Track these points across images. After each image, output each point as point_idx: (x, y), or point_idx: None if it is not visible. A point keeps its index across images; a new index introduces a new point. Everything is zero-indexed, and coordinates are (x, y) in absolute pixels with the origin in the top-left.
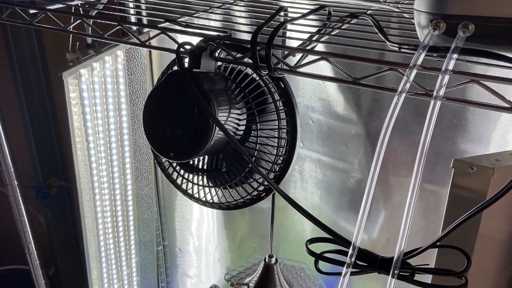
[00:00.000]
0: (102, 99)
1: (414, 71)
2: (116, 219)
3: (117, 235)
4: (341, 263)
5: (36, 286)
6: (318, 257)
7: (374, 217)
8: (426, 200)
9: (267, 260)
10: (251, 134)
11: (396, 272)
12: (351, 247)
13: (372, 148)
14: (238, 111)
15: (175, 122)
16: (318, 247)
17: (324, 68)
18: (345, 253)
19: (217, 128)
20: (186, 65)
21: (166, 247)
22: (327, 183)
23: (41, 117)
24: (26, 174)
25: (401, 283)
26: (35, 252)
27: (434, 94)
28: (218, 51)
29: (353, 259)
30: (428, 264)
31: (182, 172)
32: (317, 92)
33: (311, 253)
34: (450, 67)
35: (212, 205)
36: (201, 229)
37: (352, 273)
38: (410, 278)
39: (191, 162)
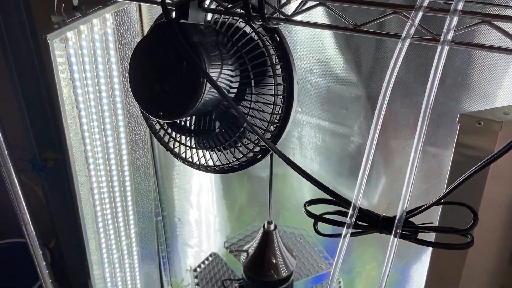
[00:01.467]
0: (92, 65)
1: (420, 13)
2: (112, 190)
3: (114, 206)
4: (342, 224)
5: (33, 257)
6: (318, 218)
7: (375, 183)
8: (428, 163)
9: (266, 226)
10: (245, 92)
11: (398, 231)
12: (351, 207)
13: (373, 111)
14: (231, 67)
15: (163, 79)
16: (317, 210)
17: (323, 20)
18: (345, 214)
19: (208, 85)
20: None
21: (166, 217)
22: (326, 149)
23: (33, 87)
24: (20, 147)
25: (402, 245)
26: (30, 223)
27: (442, 38)
28: (207, 1)
29: (353, 220)
30: (432, 223)
31: (174, 134)
32: (315, 54)
33: (310, 214)
34: (460, 7)
35: (206, 168)
36: (200, 198)
37: (352, 234)
38: (413, 237)
39: (182, 123)
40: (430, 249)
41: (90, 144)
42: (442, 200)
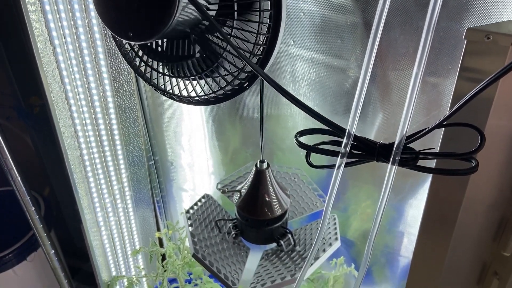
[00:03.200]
0: None
1: None
2: (99, 134)
3: (102, 150)
4: (337, 154)
5: (21, 203)
6: (310, 149)
7: (371, 119)
8: (427, 94)
9: (258, 165)
10: (228, 9)
11: (397, 158)
12: (345, 134)
13: None
14: None
15: None
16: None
17: None
18: (340, 144)
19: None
20: None
21: (158, 161)
22: (321, 85)
23: (12, 29)
24: (2, 92)
25: (398, 180)
26: (14, 168)
27: None
28: None
29: (348, 149)
30: (434, 148)
31: (149, 61)
32: None
33: (301, 145)
34: None
35: (189, 100)
36: (192, 142)
37: (347, 164)
38: (413, 163)
39: (159, 48)
40: (427, 183)
41: (69, 84)
42: (445, 123)
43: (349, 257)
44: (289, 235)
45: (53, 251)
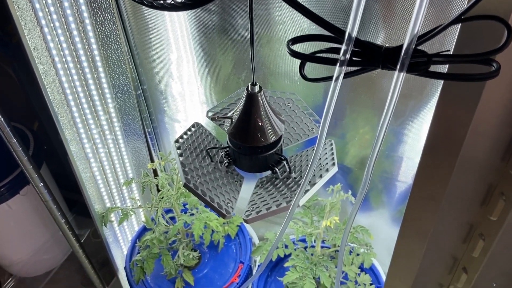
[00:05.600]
0: None
1: None
2: (78, 60)
3: (84, 78)
4: (336, 63)
5: (2, 135)
6: (305, 57)
7: (373, 35)
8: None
9: (249, 88)
10: None
11: (406, 63)
12: (345, 38)
13: None
14: None
15: None
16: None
17: None
18: (339, 52)
19: None
20: None
21: (146, 91)
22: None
23: None
24: None
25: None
26: None
27: None
28: None
29: (347, 56)
30: (449, 50)
31: None
32: None
33: (294, 54)
34: None
35: (162, 5)
36: (181, 69)
37: (347, 75)
38: (424, 68)
39: None
40: (429, 104)
41: (39, 2)
42: (464, 17)
43: (346, 184)
44: (284, 162)
45: (42, 184)
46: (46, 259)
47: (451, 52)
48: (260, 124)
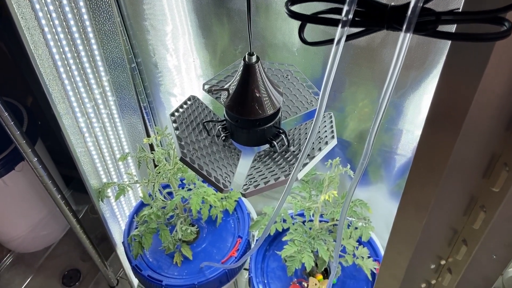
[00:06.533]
0: None
1: None
2: (69, 31)
3: (76, 50)
4: (337, 23)
5: None
6: (305, 18)
7: None
8: None
9: (246, 59)
10: None
11: (413, 22)
12: None
13: None
14: None
15: None
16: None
17: None
18: (341, 12)
19: None
20: None
21: (140, 64)
22: None
23: None
24: None
25: (401, 70)
26: None
27: None
28: None
29: (350, 16)
30: (458, 9)
31: None
32: None
33: (293, 15)
34: None
35: None
36: (176, 41)
37: (349, 37)
38: (432, 28)
39: None
40: (431, 75)
41: None
42: None
43: (344, 158)
44: (283, 135)
45: (36, 159)
46: (44, 235)
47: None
48: (258, 95)
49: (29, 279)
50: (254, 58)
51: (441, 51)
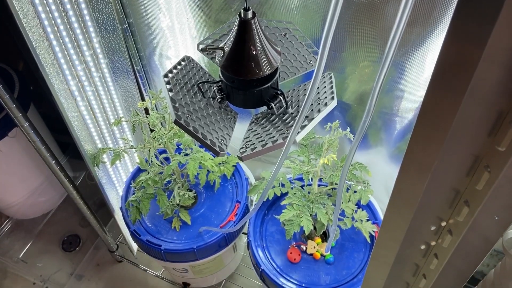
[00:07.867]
0: None
1: None
2: None
3: (63, 9)
4: None
5: None
6: None
7: None
8: None
9: (242, 14)
10: None
11: None
12: None
13: None
14: None
15: None
16: None
17: None
18: None
19: None
20: None
21: (132, 25)
22: None
23: None
24: None
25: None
26: None
27: None
28: None
29: None
30: None
31: None
32: None
33: None
34: None
35: None
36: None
37: None
38: None
39: None
40: (436, 32)
41: None
42: None
43: (344, 121)
44: (281, 97)
45: (27, 124)
46: (42, 201)
47: None
48: (254, 53)
49: (28, 245)
50: (250, 14)
51: (446, 6)
